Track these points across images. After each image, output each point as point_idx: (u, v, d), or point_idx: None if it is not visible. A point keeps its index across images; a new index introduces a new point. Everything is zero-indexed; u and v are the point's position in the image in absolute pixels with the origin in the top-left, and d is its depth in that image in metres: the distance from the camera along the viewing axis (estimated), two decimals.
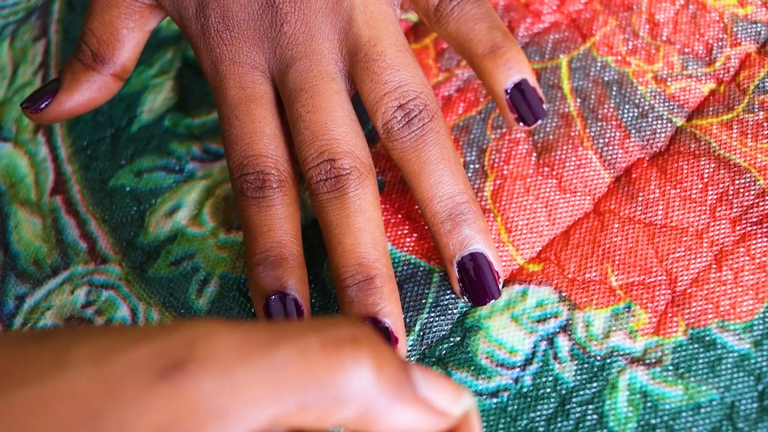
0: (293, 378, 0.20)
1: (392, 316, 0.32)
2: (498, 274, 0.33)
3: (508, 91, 0.33)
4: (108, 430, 0.19)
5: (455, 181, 0.33)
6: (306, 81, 0.33)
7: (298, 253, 0.34)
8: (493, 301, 0.33)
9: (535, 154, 0.37)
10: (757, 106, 0.36)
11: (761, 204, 0.34)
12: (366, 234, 0.33)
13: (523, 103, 0.33)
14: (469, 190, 0.34)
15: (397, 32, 0.34)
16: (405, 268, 0.35)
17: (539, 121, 0.33)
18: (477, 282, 0.33)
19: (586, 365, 0.32)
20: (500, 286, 0.34)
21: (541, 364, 0.32)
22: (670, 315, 0.32)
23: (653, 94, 0.37)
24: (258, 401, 0.20)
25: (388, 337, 0.32)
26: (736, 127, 0.35)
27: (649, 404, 0.31)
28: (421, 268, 0.35)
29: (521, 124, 0.33)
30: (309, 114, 0.33)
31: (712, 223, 0.34)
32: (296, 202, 0.34)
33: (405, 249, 0.36)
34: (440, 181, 0.33)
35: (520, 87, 0.32)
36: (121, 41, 0.36)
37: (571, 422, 0.31)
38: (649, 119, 0.37)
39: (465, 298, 0.34)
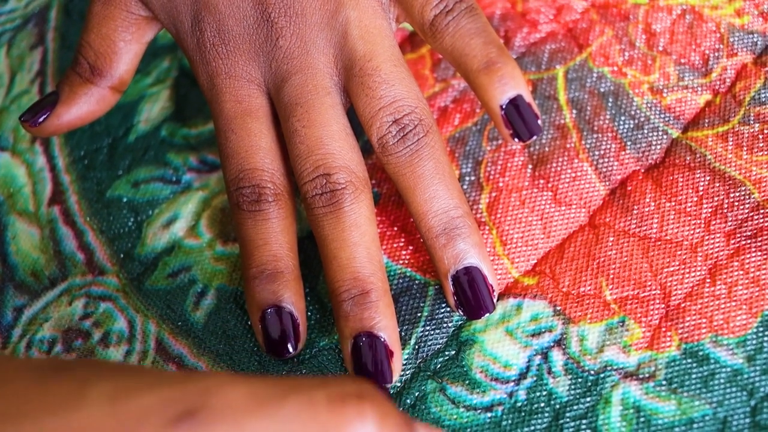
0: (301, 430, 0.21)
1: (388, 330, 0.32)
2: (492, 287, 0.34)
3: (503, 107, 0.33)
4: None
5: (450, 196, 0.33)
6: (301, 95, 0.33)
7: (294, 267, 0.34)
8: (488, 314, 0.34)
9: (530, 167, 0.37)
10: (752, 118, 0.36)
11: (756, 217, 0.34)
12: (361, 248, 0.33)
13: (518, 118, 0.33)
14: (464, 204, 0.34)
15: (392, 46, 0.34)
16: (400, 281, 0.35)
17: (534, 137, 0.33)
18: (471, 296, 0.33)
19: (579, 380, 0.32)
20: (495, 300, 0.34)
21: (535, 378, 0.32)
22: (663, 329, 0.32)
23: (649, 105, 0.37)
24: None
25: (383, 350, 0.32)
26: (731, 139, 0.35)
27: (642, 419, 0.31)
28: (416, 282, 0.35)
29: (516, 139, 0.33)
30: (304, 128, 0.33)
31: (707, 237, 0.34)
32: (292, 215, 0.35)
33: (401, 262, 0.36)
34: (435, 195, 0.33)
35: (516, 103, 0.32)
36: (118, 54, 0.36)
37: None
38: (645, 131, 0.37)
39: (460, 311, 0.34)
